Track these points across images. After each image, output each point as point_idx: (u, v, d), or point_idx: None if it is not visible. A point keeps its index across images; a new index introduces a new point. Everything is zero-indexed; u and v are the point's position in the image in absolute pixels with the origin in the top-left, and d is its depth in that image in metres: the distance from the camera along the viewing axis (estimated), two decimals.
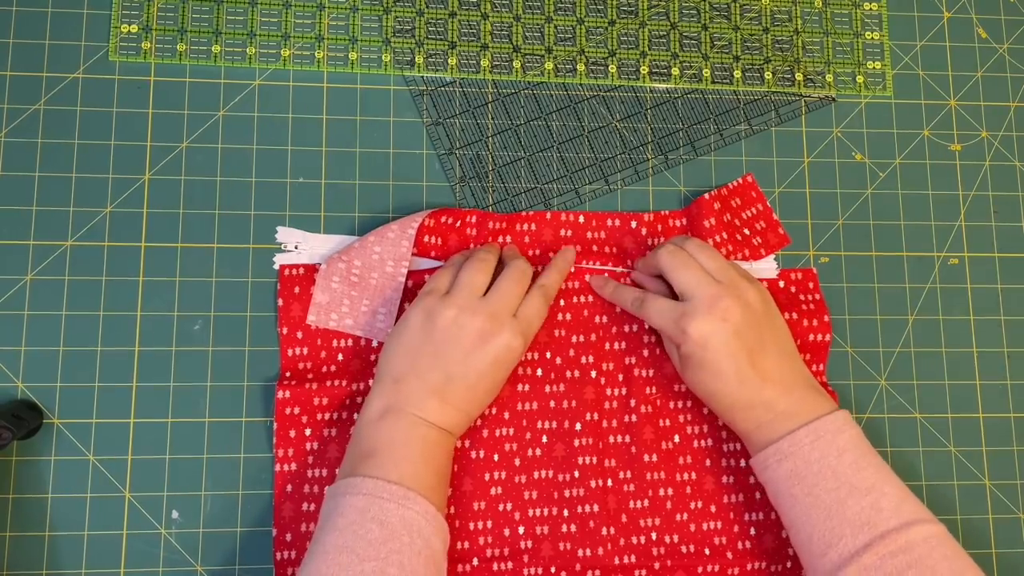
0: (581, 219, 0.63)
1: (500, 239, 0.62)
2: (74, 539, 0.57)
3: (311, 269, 0.60)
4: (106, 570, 0.57)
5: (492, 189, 0.64)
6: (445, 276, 0.57)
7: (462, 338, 0.53)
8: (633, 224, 0.63)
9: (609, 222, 0.63)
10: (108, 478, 0.58)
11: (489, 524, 0.58)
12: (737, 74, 0.66)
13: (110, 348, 0.59)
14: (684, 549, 0.59)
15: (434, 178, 0.63)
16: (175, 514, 0.58)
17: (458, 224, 0.62)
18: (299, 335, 0.60)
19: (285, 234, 0.61)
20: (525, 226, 0.63)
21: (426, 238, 0.61)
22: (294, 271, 0.60)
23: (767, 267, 0.64)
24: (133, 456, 0.58)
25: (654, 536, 0.59)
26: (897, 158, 0.67)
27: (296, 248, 0.61)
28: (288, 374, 0.59)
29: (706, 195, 0.63)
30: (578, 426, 0.60)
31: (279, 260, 0.61)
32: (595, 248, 0.63)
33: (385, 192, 0.63)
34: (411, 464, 0.51)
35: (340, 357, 0.60)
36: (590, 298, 0.62)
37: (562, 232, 0.63)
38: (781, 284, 0.63)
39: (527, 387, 0.60)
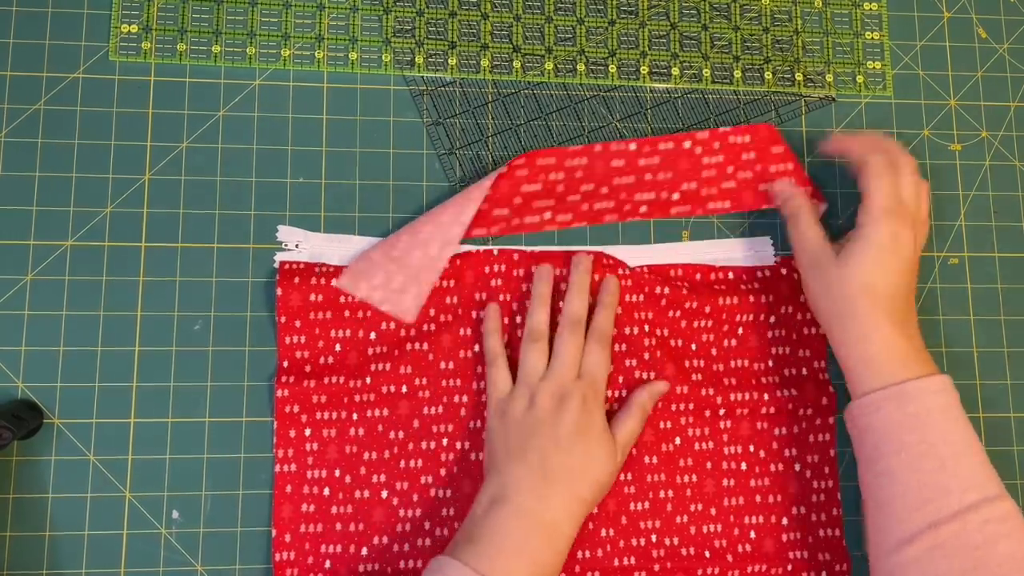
0: (632, 147, 0.62)
1: (552, 175, 0.61)
2: (74, 539, 0.57)
3: (311, 265, 0.60)
4: (106, 570, 0.57)
5: None
6: (502, 374, 0.58)
7: (540, 420, 0.55)
8: (687, 144, 0.62)
9: (661, 146, 0.62)
10: (108, 478, 0.58)
11: None
12: (737, 74, 0.66)
13: (110, 348, 0.59)
14: (684, 551, 0.59)
15: (434, 178, 0.63)
16: (175, 514, 0.58)
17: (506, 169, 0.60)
18: (297, 323, 0.59)
19: (286, 232, 0.61)
20: (576, 161, 0.61)
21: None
22: (294, 266, 0.60)
23: (765, 252, 0.63)
24: (133, 456, 0.58)
25: (654, 538, 0.59)
26: None
27: (297, 247, 0.61)
28: (286, 364, 0.59)
29: (768, 124, 0.61)
30: None
31: (279, 257, 0.61)
32: (648, 176, 0.62)
33: (385, 192, 0.63)
34: (504, 559, 0.51)
35: (338, 348, 0.60)
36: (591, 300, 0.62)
37: (613, 163, 0.62)
38: (783, 272, 0.63)
39: None
